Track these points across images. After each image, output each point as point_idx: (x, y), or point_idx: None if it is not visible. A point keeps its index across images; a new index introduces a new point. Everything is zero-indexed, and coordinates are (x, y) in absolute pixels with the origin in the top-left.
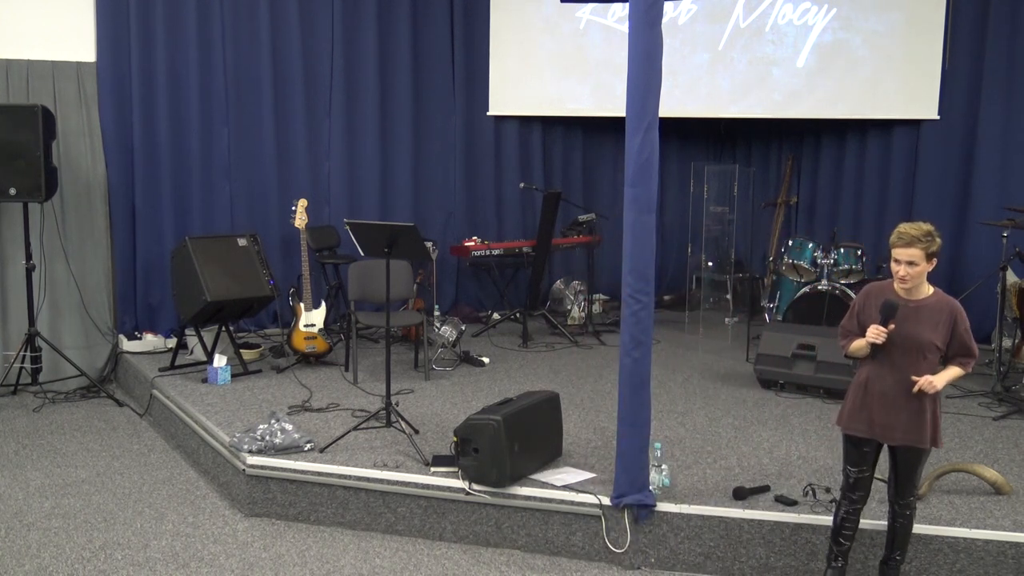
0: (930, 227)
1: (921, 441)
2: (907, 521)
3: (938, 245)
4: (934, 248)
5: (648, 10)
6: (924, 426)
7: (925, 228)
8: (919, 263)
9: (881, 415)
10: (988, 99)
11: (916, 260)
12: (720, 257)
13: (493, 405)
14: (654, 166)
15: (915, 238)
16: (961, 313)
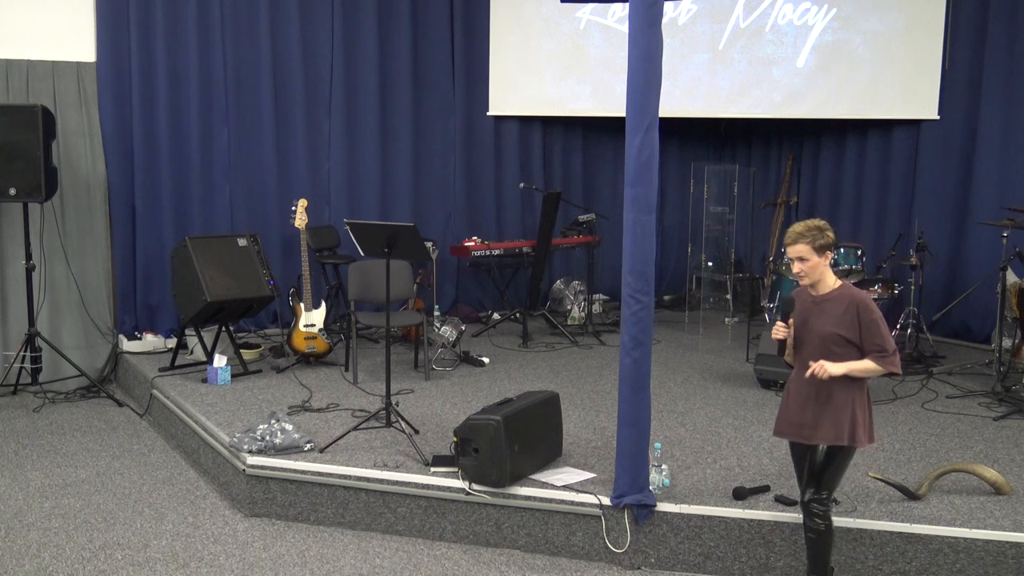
0: (819, 222)
1: (837, 438)
2: (816, 531)
3: (828, 238)
4: (822, 241)
5: (648, 10)
6: (840, 423)
7: (812, 224)
8: (809, 258)
9: (796, 414)
10: (988, 99)
11: (805, 255)
12: (720, 257)
13: (493, 405)
14: (654, 166)
15: (800, 234)
16: (865, 304)
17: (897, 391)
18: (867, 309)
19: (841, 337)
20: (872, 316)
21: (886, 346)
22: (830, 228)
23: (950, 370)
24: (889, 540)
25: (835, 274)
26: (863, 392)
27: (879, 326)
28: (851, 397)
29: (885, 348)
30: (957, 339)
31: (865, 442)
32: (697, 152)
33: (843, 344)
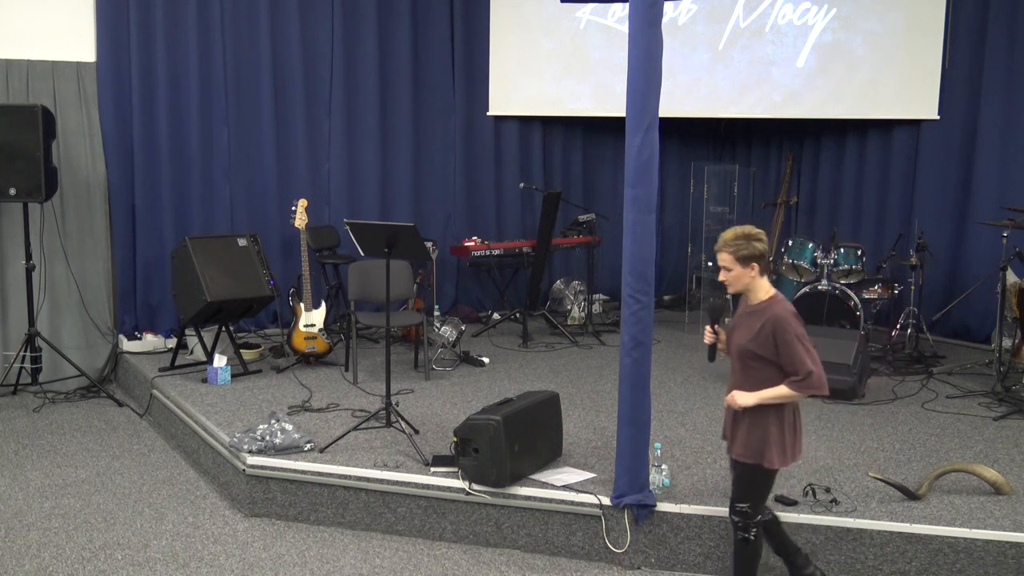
0: (749, 231)
1: (747, 456)
2: (738, 544)
3: (754, 249)
4: (747, 251)
5: (648, 10)
6: (750, 442)
7: (740, 232)
8: (731, 267)
9: (727, 425)
10: (988, 99)
11: (728, 265)
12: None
13: (493, 405)
14: (654, 166)
15: (725, 243)
16: (782, 324)
17: (897, 391)
18: (783, 329)
19: (755, 353)
20: (787, 336)
21: (799, 369)
22: (761, 239)
23: (950, 370)
24: (889, 540)
25: (835, 274)
26: (781, 412)
27: (793, 347)
28: (766, 417)
29: (797, 372)
30: (957, 339)
31: (777, 464)
32: (697, 152)
33: (757, 360)
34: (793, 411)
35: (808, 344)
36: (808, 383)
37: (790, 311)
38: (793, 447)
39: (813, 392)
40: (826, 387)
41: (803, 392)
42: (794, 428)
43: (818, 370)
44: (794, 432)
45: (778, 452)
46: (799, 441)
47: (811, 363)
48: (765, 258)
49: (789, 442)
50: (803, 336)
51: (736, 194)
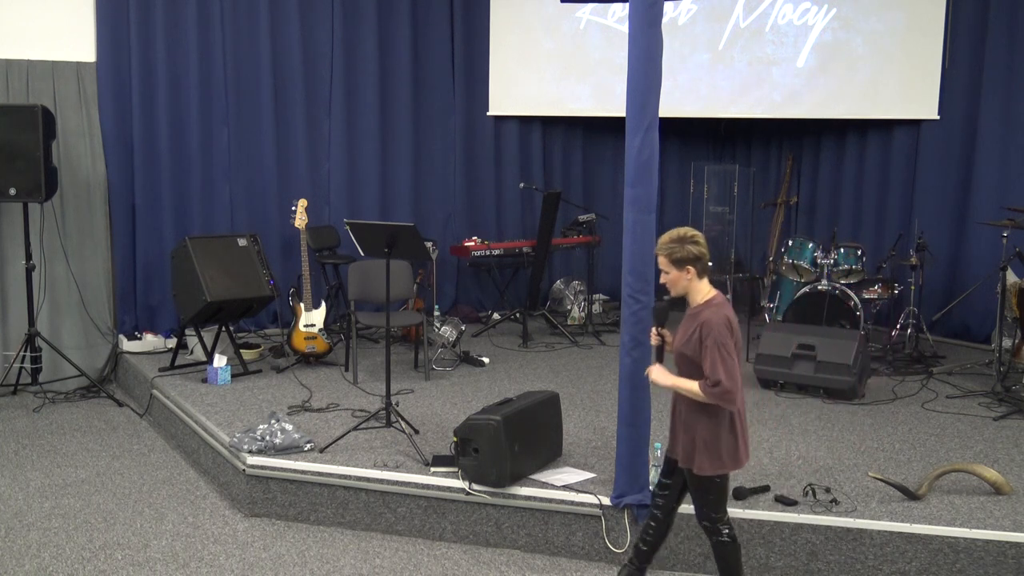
0: (684, 233)
1: (686, 461)
2: (714, 547)
3: (688, 252)
4: (680, 254)
5: (648, 10)
6: (684, 444)
7: (675, 235)
8: (667, 271)
9: (670, 428)
10: (988, 99)
11: (664, 268)
12: (720, 257)
13: (493, 405)
14: (654, 166)
15: (661, 245)
16: (710, 325)
17: (897, 391)
18: (708, 332)
19: (686, 356)
20: (707, 341)
21: (710, 375)
22: (697, 241)
23: (950, 370)
24: (889, 540)
25: (835, 274)
26: (712, 418)
27: (711, 353)
28: (696, 420)
29: (708, 377)
30: (957, 339)
31: (707, 470)
32: (697, 152)
33: (689, 363)
34: (730, 417)
35: (727, 354)
36: (715, 392)
37: (722, 316)
38: (732, 455)
39: (719, 403)
40: (734, 403)
41: (710, 399)
42: (733, 434)
43: (729, 384)
44: (733, 438)
45: (708, 459)
46: (740, 449)
47: (723, 374)
48: (702, 261)
49: (726, 450)
50: (725, 345)
51: (736, 194)
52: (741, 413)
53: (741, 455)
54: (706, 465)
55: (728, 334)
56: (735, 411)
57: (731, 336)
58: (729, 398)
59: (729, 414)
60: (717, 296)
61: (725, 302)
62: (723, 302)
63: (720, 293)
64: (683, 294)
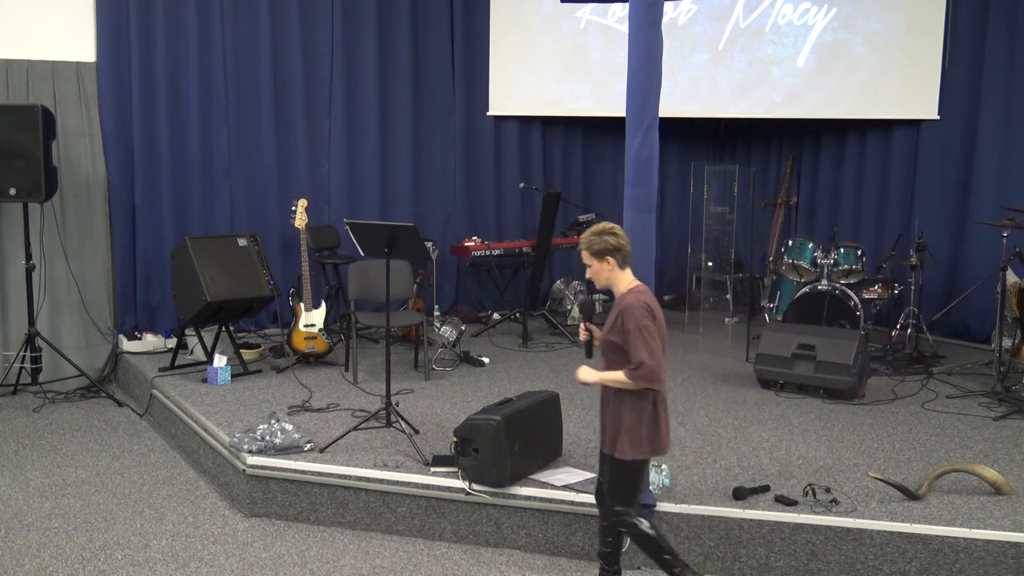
0: (602, 226)
1: (610, 446)
2: (635, 538)
3: (606, 243)
4: (599, 247)
5: (648, 10)
6: (610, 431)
7: (594, 228)
8: (589, 263)
9: (600, 423)
10: (988, 99)
11: (586, 261)
12: (720, 257)
13: (493, 405)
14: (654, 166)
15: (582, 239)
16: (630, 311)
17: (897, 391)
18: (630, 316)
19: (612, 343)
20: (629, 325)
21: (632, 358)
22: (614, 233)
23: (950, 370)
24: (889, 540)
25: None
26: (636, 403)
27: (633, 336)
28: (621, 406)
29: (631, 360)
30: (957, 339)
31: (628, 454)
32: (697, 152)
33: (615, 350)
34: (653, 403)
35: (649, 336)
36: (639, 373)
37: (641, 302)
38: (653, 441)
39: (646, 384)
40: (658, 382)
41: (636, 382)
42: (655, 421)
43: (652, 363)
44: (655, 425)
45: (630, 444)
46: (662, 436)
47: (646, 355)
48: (621, 252)
49: (646, 435)
50: (646, 327)
51: (736, 194)
52: (664, 403)
53: (663, 443)
54: (627, 449)
55: (649, 317)
56: (659, 400)
57: (652, 319)
58: (654, 377)
59: (653, 402)
60: (639, 285)
61: (647, 291)
62: (645, 291)
63: (644, 284)
64: (607, 286)
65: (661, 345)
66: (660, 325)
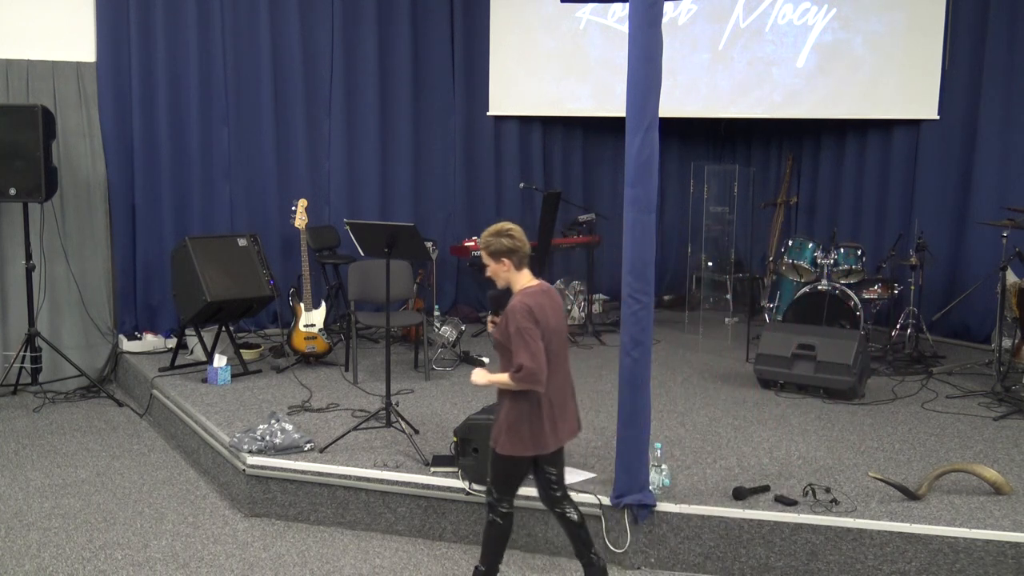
0: (499, 227)
1: (493, 439)
2: (487, 525)
3: (501, 244)
4: (495, 247)
5: (648, 10)
6: (495, 424)
7: (492, 228)
8: (488, 263)
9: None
10: (988, 99)
11: (485, 261)
12: (720, 257)
13: (493, 405)
14: (654, 166)
15: (481, 239)
16: (512, 313)
17: (897, 391)
18: (511, 319)
19: (500, 343)
20: (511, 328)
21: (518, 360)
22: (510, 235)
23: (950, 370)
24: (889, 540)
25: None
26: (519, 402)
27: (513, 339)
28: (503, 403)
29: (517, 363)
30: (957, 339)
31: (506, 450)
32: (697, 152)
33: (504, 350)
34: (537, 403)
35: (530, 338)
36: (520, 376)
37: (524, 304)
38: (536, 438)
39: (527, 386)
40: (538, 384)
41: (518, 384)
42: (538, 419)
43: (532, 365)
44: (538, 423)
45: (509, 439)
46: (545, 434)
47: (526, 358)
48: (517, 253)
49: (528, 432)
50: (526, 330)
51: (736, 194)
52: (553, 400)
53: (547, 441)
54: (507, 445)
55: (529, 319)
56: (543, 399)
57: (534, 321)
58: (533, 380)
59: (537, 399)
60: (531, 286)
61: (538, 292)
62: (535, 291)
63: (542, 283)
64: (506, 285)
65: (550, 345)
66: (548, 326)
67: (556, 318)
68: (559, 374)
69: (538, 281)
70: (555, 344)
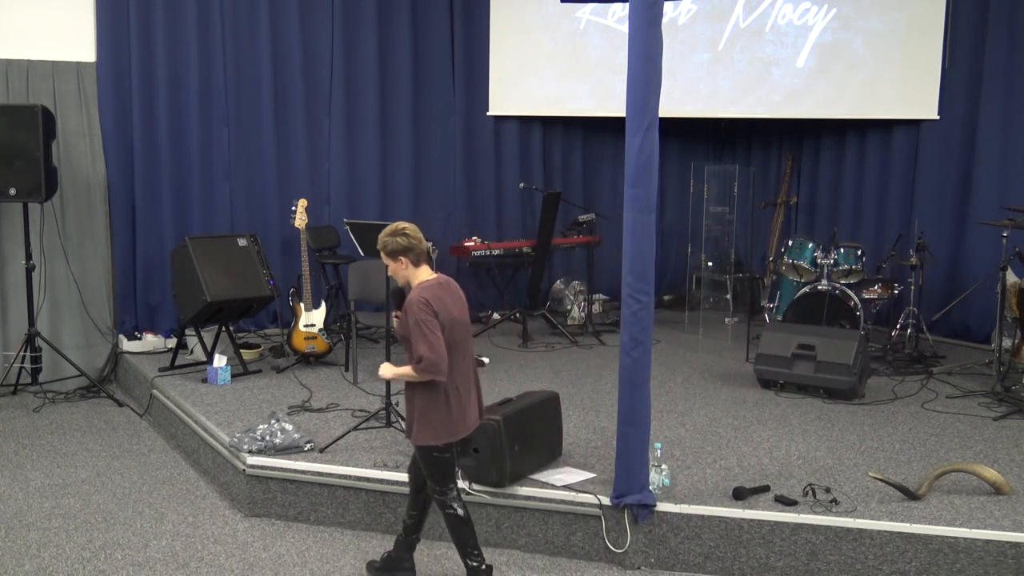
0: (395, 226)
1: (408, 431)
2: (447, 521)
3: (397, 243)
4: (392, 247)
5: (648, 10)
6: (410, 418)
7: (389, 228)
8: (387, 263)
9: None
10: (988, 99)
11: (384, 260)
12: (720, 257)
13: (493, 405)
14: (654, 166)
15: (379, 240)
16: (410, 306)
17: (897, 391)
18: (410, 312)
19: (403, 336)
20: (410, 321)
21: (417, 351)
22: (405, 234)
23: (950, 370)
24: (889, 540)
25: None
26: (426, 392)
27: (413, 332)
28: (412, 394)
29: (416, 354)
30: (957, 339)
31: (422, 440)
32: (697, 152)
33: (407, 343)
34: (444, 392)
35: (428, 330)
36: (421, 367)
37: (421, 298)
38: (446, 426)
39: (429, 376)
40: (439, 373)
41: (420, 375)
42: (447, 408)
43: (431, 356)
44: (447, 412)
45: (421, 429)
46: (455, 422)
47: (425, 349)
48: (412, 251)
49: (438, 421)
50: (424, 322)
51: (736, 194)
52: (459, 388)
53: (456, 429)
54: (420, 435)
55: (427, 311)
56: (451, 387)
57: (432, 313)
58: (435, 370)
59: (443, 388)
60: (429, 280)
61: (435, 284)
62: (431, 285)
63: (440, 277)
64: (407, 282)
65: (452, 336)
66: (448, 316)
67: (456, 309)
68: (463, 363)
69: (436, 275)
70: (457, 334)
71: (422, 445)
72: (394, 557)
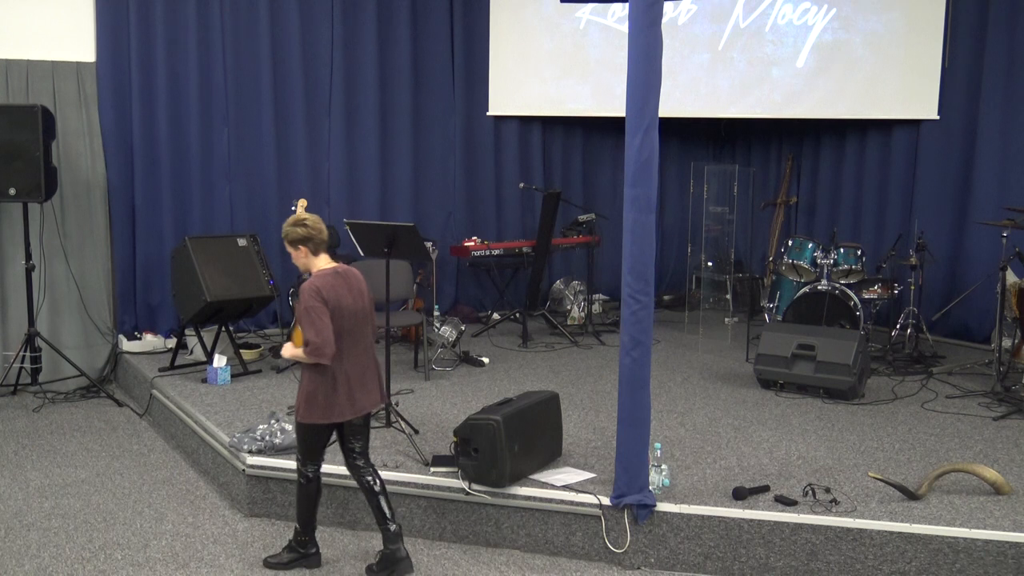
0: (296, 217)
1: (295, 409)
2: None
3: (297, 233)
4: (292, 236)
5: (648, 10)
6: (299, 397)
7: (291, 219)
8: (290, 251)
9: None
10: (988, 99)
11: (288, 249)
12: (720, 257)
13: (493, 405)
14: (654, 166)
15: (282, 231)
16: (301, 294)
17: (897, 391)
18: (301, 300)
19: (296, 322)
20: (300, 308)
21: (307, 337)
22: (304, 224)
23: (950, 370)
24: (889, 540)
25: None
26: (314, 374)
27: (302, 318)
28: (303, 374)
29: (307, 340)
30: (957, 339)
31: (303, 418)
32: (697, 152)
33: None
34: (332, 375)
35: (316, 316)
36: (308, 351)
37: (312, 286)
38: (329, 407)
39: (316, 360)
40: (323, 357)
41: (309, 358)
42: (333, 390)
43: (317, 340)
44: (333, 394)
45: (306, 408)
46: (340, 404)
47: (311, 334)
48: (312, 241)
49: (322, 402)
50: (312, 308)
51: (736, 194)
52: (349, 373)
53: (343, 410)
54: (303, 413)
55: (316, 299)
56: (340, 371)
57: (321, 300)
58: (319, 354)
59: (332, 372)
60: (326, 268)
61: (331, 274)
62: (327, 274)
63: (338, 266)
64: (308, 270)
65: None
66: (340, 305)
67: (352, 298)
68: (356, 350)
69: (334, 264)
70: (349, 322)
71: (302, 423)
72: (386, 552)
